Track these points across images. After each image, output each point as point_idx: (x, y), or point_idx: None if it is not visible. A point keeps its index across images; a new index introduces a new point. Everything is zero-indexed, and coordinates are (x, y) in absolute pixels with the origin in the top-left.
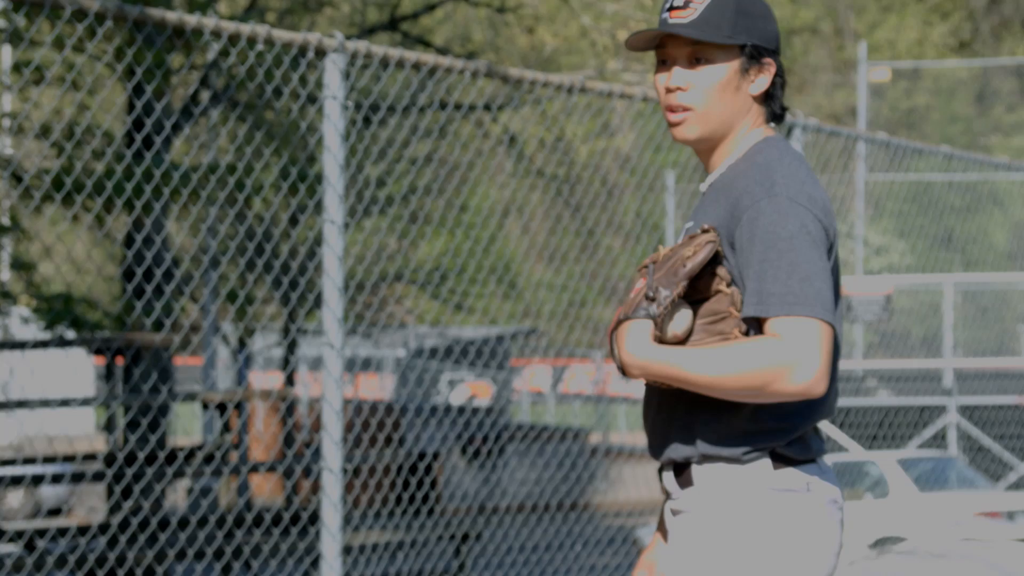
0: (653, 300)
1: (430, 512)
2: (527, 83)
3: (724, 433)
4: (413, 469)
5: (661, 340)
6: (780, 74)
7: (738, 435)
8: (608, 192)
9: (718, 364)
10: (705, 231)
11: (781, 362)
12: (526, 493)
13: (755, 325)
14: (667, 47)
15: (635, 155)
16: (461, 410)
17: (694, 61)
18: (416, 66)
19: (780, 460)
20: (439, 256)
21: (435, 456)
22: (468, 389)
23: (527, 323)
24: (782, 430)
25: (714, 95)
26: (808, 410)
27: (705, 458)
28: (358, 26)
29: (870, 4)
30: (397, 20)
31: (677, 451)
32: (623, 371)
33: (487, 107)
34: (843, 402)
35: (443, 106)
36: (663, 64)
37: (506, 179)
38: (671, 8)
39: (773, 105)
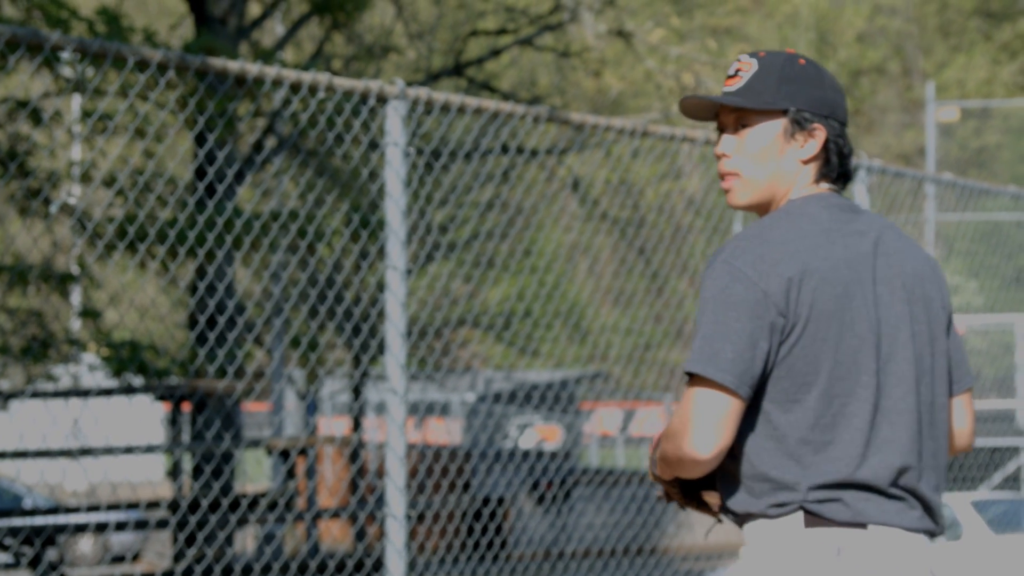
0: None
1: (495, 558)
2: (589, 127)
3: (744, 490)
4: (480, 514)
5: None
6: (836, 139)
7: (753, 490)
8: (681, 236)
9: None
10: None
11: (674, 429)
12: (595, 537)
13: None
14: (720, 115)
15: (704, 198)
16: (530, 454)
17: (739, 127)
18: (478, 111)
19: (813, 517)
20: (506, 300)
21: (503, 501)
22: (537, 433)
23: (595, 366)
24: (788, 486)
25: (756, 161)
26: (824, 466)
27: (746, 516)
28: (424, 72)
29: (938, 44)
30: (462, 65)
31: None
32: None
33: (549, 151)
34: None
35: (505, 150)
36: (720, 132)
37: (573, 222)
38: (727, 78)
39: (829, 170)
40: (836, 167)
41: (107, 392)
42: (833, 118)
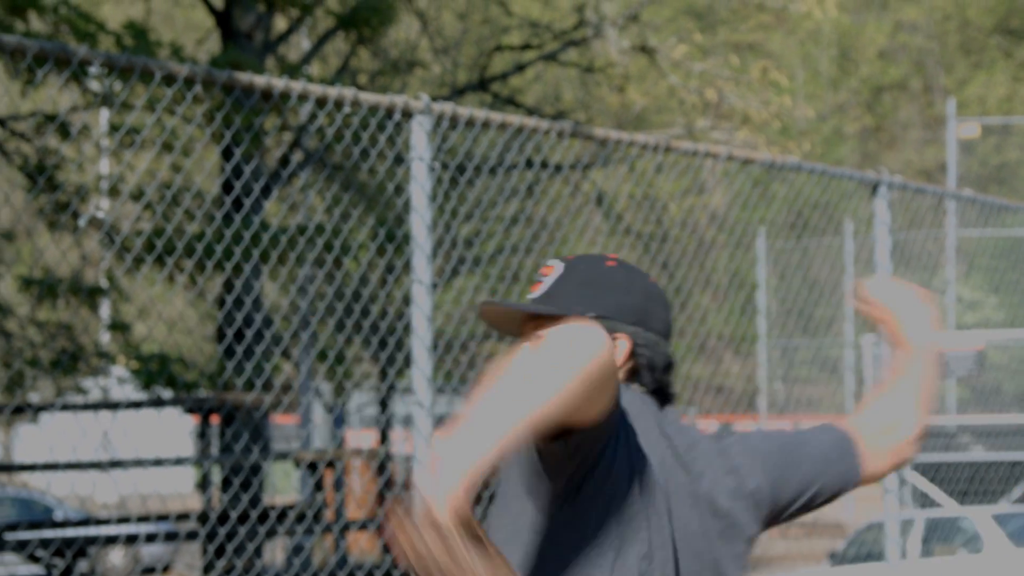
0: None
1: None
2: (612, 142)
3: None
4: None
5: None
6: (643, 349)
7: None
8: (704, 251)
9: None
10: None
11: None
12: None
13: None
14: (523, 325)
15: (727, 213)
16: None
17: (538, 337)
18: (503, 126)
19: None
20: None
21: None
22: None
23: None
24: None
25: None
26: None
27: None
28: (449, 87)
29: (959, 61)
30: (487, 80)
31: None
32: None
33: (573, 166)
34: (936, 457)
35: (529, 165)
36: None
37: (597, 237)
38: (531, 284)
39: (641, 380)
40: (649, 382)
41: (136, 405)
42: (642, 326)
